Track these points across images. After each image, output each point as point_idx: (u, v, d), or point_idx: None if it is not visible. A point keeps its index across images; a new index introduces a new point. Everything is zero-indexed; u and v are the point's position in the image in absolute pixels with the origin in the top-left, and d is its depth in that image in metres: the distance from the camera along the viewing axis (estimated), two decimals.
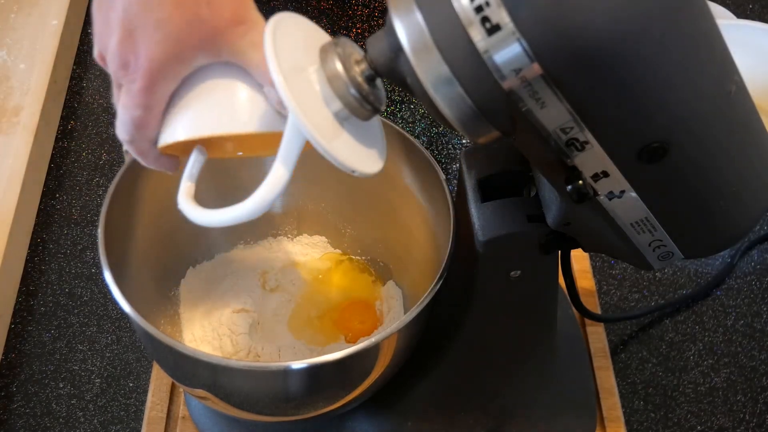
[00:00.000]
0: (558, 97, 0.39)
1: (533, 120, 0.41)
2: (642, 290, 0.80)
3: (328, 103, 0.45)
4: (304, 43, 0.46)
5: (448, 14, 0.39)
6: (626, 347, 0.76)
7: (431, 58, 0.40)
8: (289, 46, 0.44)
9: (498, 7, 0.37)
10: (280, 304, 0.68)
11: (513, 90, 0.39)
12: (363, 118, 0.46)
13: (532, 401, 0.66)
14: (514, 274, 0.53)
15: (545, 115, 0.40)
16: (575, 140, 0.42)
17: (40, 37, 0.93)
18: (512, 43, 0.38)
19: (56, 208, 0.84)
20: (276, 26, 0.44)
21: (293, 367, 0.50)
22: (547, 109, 0.40)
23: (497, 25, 0.38)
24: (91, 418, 0.70)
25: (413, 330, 0.55)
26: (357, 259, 0.72)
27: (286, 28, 0.45)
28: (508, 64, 0.38)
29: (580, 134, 0.41)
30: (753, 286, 0.81)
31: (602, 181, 0.43)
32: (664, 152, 0.41)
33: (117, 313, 0.76)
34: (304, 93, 0.44)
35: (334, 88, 0.44)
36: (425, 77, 0.40)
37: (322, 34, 0.47)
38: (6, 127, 0.84)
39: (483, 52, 0.38)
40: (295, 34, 0.46)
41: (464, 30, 0.38)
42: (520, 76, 0.39)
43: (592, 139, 0.41)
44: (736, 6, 1.05)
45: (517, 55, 0.38)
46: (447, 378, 0.62)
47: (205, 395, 0.56)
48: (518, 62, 0.38)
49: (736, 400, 0.73)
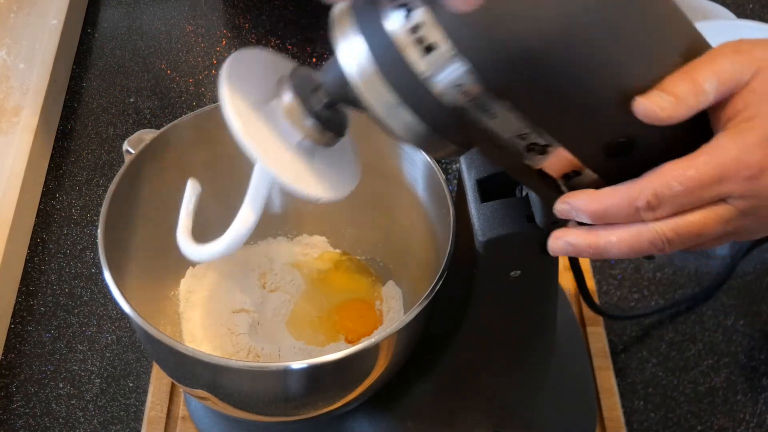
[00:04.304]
0: (506, 107, 0.39)
1: (488, 131, 0.41)
2: (642, 290, 0.80)
3: (288, 138, 0.45)
4: (265, 78, 0.46)
5: (385, 38, 0.38)
6: (626, 347, 0.76)
7: (376, 85, 0.39)
8: (247, 85, 0.44)
9: (432, 27, 0.37)
10: (280, 304, 0.68)
11: (460, 106, 0.39)
12: (328, 144, 0.46)
13: (532, 401, 0.66)
14: (514, 274, 0.53)
15: (498, 125, 0.40)
16: (535, 144, 0.42)
17: (39, 37, 0.93)
18: (450, 60, 0.38)
19: (56, 208, 0.84)
20: (231, 67, 0.44)
21: (293, 367, 0.50)
22: (498, 119, 0.40)
23: (433, 45, 0.38)
24: (91, 418, 0.70)
25: (413, 330, 0.55)
26: (357, 259, 0.72)
27: (244, 66, 0.45)
28: (450, 82, 0.38)
29: (539, 138, 0.41)
30: (753, 286, 0.81)
31: (575, 180, 0.43)
32: (632, 144, 0.41)
33: (117, 313, 0.76)
34: (263, 132, 0.44)
35: (292, 122, 0.44)
36: (373, 104, 0.40)
37: (286, 64, 0.47)
38: (6, 127, 0.84)
39: (423, 72, 0.38)
40: (254, 70, 0.46)
41: (402, 53, 0.38)
42: (464, 92, 0.38)
43: (553, 141, 0.41)
44: (736, 6, 1.05)
45: (457, 72, 0.38)
46: (447, 378, 0.62)
47: (205, 395, 0.56)
48: (459, 79, 0.38)
49: (736, 400, 0.73)
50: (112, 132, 0.91)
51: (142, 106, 0.93)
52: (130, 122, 0.92)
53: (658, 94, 0.39)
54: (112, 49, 0.99)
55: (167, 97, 0.95)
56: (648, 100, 0.39)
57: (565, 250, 0.43)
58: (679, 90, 0.39)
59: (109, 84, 0.96)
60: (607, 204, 0.41)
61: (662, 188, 0.39)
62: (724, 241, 0.43)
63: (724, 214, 0.40)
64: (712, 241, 0.42)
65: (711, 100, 0.40)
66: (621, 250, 0.41)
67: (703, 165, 0.39)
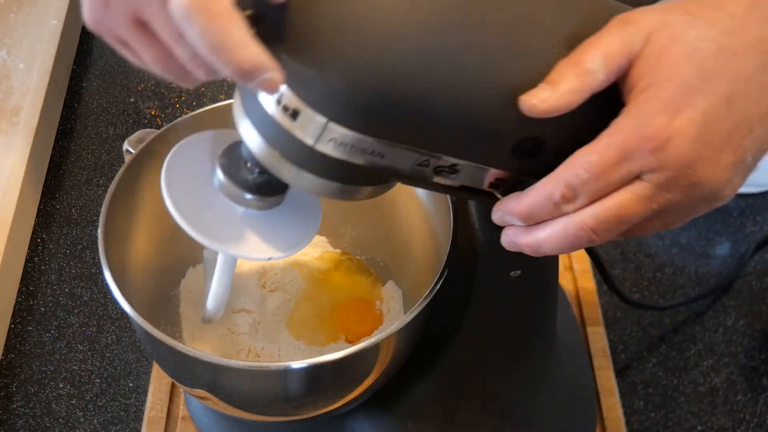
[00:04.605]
0: (387, 144, 0.40)
1: (389, 169, 0.41)
2: (642, 290, 0.80)
3: (234, 212, 0.48)
4: (210, 160, 0.48)
5: (264, 115, 0.40)
6: (626, 347, 0.76)
7: (273, 159, 0.42)
8: (194, 170, 0.48)
9: (290, 95, 0.38)
10: (280, 304, 0.68)
11: (347, 159, 0.40)
12: (275, 204, 0.48)
13: (532, 401, 0.66)
14: (514, 274, 0.53)
15: (394, 161, 0.41)
16: (442, 167, 0.42)
17: (40, 36, 0.93)
18: (314, 120, 0.39)
19: (56, 208, 0.84)
20: (174, 158, 0.48)
21: (293, 367, 0.50)
22: (389, 156, 0.40)
23: (297, 110, 0.39)
24: (91, 418, 0.70)
25: (413, 330, 0.55)
26: (357, 259, 0.72)
27: (190, 152, 0.49)
28: (323, 139, 0.39)
29: (440, 162, 0.41)
30: (753, 286, 0.81)
31: (504, 186, 0.43)
32: (540, 142, 0.41)
33: (117, 313, 0.76)
34: (210, 214, 0.47)
35: (231, 198, 0.47)
36: (281, 176, 0.42)
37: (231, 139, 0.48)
38: (6, 127, 0.84)
39: (301, 137, 0.40)
40: (200, 154, 0.49)
41: (280, 124, 0.40)
42: (340, 144, 0.39)
43: (456, 159, 0.41)
44: None
45: (324, 128, 0.39)
46: (447, 378, 0.62)
47: (205, 395, 0.56)
48: (329, 133, 0.39)
49: (736, 400, 0.73)
50: (112, 132, 0.91)
51: (142, 106, 0.93)
52: (130, 122, 0.92)
53: (540, 87, 0.38)
54: (112, 49, 0.99)
55: (167, 97, 0.95)
56: (529, 96, 0.38)
57: (512, 247, 0.43)
58: (562, 77, 0.38)
59: (109, 84, 0.96)
60: (529, 204, 0.40)
61: (571, 178, 0.38)
62: (659, 224, 0.41)
63: (640, 191, 0.38)
64: (644, 224, 0.40)
65: (602, 79, 0.38)
66: (553, 245, 0.41)
67: (605, 147, 0.38)
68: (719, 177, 0.38)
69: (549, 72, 0.39)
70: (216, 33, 0.34)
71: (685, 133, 0.37)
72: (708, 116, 0.37)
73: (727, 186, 0.39)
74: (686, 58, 0.37)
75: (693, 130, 0.37)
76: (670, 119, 0.37)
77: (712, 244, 0.84)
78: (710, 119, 0.37)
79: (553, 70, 0.38)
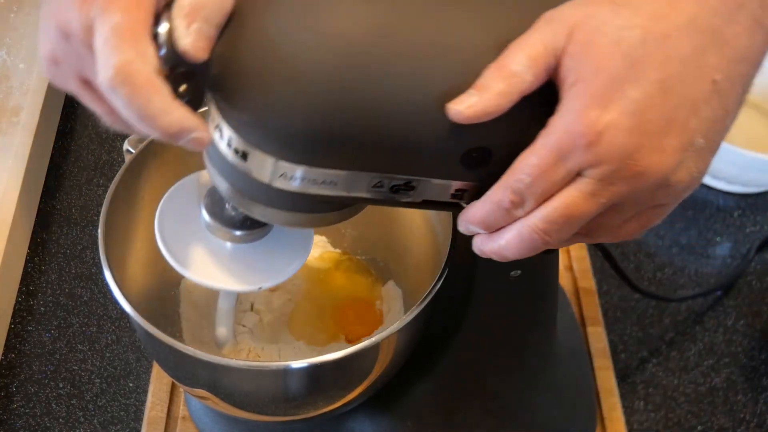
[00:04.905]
0: (337, 173, 0.41)
1: (347, 194, 0.42)
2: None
3: (224, 249, 0.50)
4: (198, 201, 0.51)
5: (222, 160, 0.42)
6: (626, 347, 0.76)
7: (241, 200, 0.44)
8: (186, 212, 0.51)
9: (236, 138, 0.40)
10: (280, 304, 0.68)
11: (304, 191, 0.41)
12: (264, 234, 0.50)
13: (532, 401, 0.66)
14: (514, 274, 0.53)
15: (348, 187, 0.42)
16: (397, 186, 0.42)
17: None
18: (263, 158, 0.40)
19: (56, 208, 0.84)
20: (166, 203, 0.51)
21: (293, 366, 0.50)
22: (342, 183, 0.41)
23: (246, 152, 0.41)
24: (91, 418, 0.70)
25: (413, 330, 0.55)
26: (357, 259, 0.72)
27: (183, 195, 0.52)
28: (275, 174, 0.41)
29: (394, 181, 0.42)
30: (753, 286, 0.81)
31: (467, 195, 0.43)
32: (486, 150, 0.41)
33: (117, 313, 0.76)
34: (201, 254, 0.50)
35: (219, 237, 0.49)
36: (251, 213, 0.45)
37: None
38: (6, 127, 0.84)
39: (256, 177, 0.41)
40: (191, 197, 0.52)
41: (236, 167, 0.42)
42: (291, 178, 0.41)
43: (408, 177, 0.42)
44: None
45: (274, 165, 0.40)
46: (447, 378, 0.62)
47: (205, 395, 0.56)
48: (279, 169, 0.40)
49: (736, 400, 0.73)
50: (112, 132, 0.91)
51: None
52: None
53: (467, 93, 0.38)
54: None
55: None
56: (454, 103, 0.38)
57: (482, 254, 0.43)
58: (488, 81, 0.38)
59: None
60: (483, 213, 0.41)
61: (515, 184, 0.38)
62: (634, 225, 0.40)
63: (583, 188, 0.38)
64: (599, 221, 0.40)
65: (530, 80, 0.38)
66: (513, 250, 0.41)
67: (541, 149, 0.38)
68: (665, 163, 0.37)
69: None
70: (139, 103, 0.36)
71: (618, 125, 0.36)
72: (641, 104, 0.36)
73: (678, 170, 0.38)
74: (611, 49, 0.36)
75: (626, 120, 0.36)
76: (601, 113, 0.36)
77: (712, 244, 0.84)
78: (644, 107, 0.36)
79: (482, 75, 0.38)
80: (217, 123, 0.41)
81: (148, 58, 0.37)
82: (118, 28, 0.36)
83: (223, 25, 0.38)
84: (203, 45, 0.37)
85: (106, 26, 0.37)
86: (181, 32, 0.37)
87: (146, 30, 0.37)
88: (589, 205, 0.38)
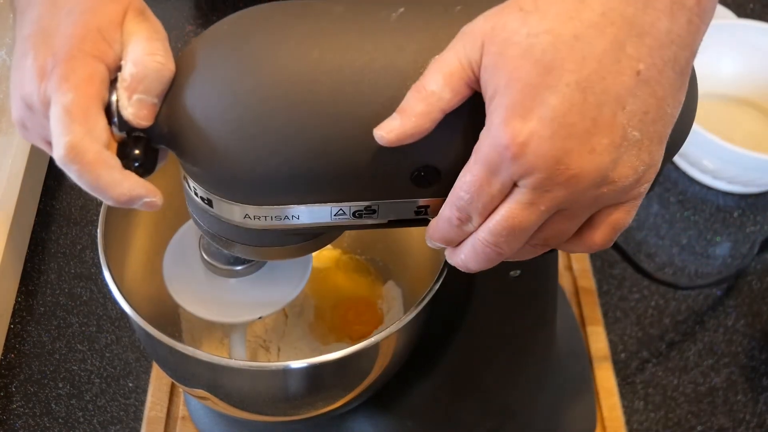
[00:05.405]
0: (296, 208, 0.42)
1: (314, 225, 0.44)
2: (642, 290, 0.80)
3: (227, 285, 0.54)
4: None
5: (197, 205, 0.45)
6: (626, 347, 0.76)
7: (221, 240, 0.47)
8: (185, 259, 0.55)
9: (199, 187, 0.43)
10: None
11: (271, 227, 0.43)
12: (260, 267, 0.53)
13: (532, 401, 0.66)
14: (513, 274, 0.53)
15: (312, 218, 0.43)
16: (360, 211, 0.43)
17: None
18: (225, 203, 0.43)
19: (56, 208, 0.84)
20: (171, 250, 0.56)
21: (293, 366, 0.50)
22: (305, 216, 0.43)
23: (209, 199, 0.43)
24: (90, 418, 0.70)
25: (413, 330, 0.55)
26: (357, 258, 0.72)
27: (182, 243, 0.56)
28: (240, 216, 0.43)
29: (354, 206, 0.43)
30: (753, 286, 0.81)
31: (431, 211, 0.44)
32: (432, 169, 0.41)
33: (117, 313, 0.76)
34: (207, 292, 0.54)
35: (219, 274, 0.53)
36: (233, 252, 0.48)
37: None
38: (6, 127, 0.84)
39: (226, 218, 0.44)
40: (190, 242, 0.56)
41: (205, 209, 0.44)
42: (257, 217, 0.43)
43: (366, 202, 0.43)
44: (736, 6, 1.05)
45: (238, 207, 0.43)
46: (447, 378, 0.62)
47: (204, 395, 0.56)
48: (243, 211, 0.43)
49: (736, 400, 0.73)
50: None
51: None
52: None
53: (390, 117, 0.39)
54: None
55: None
56: (378, 128, 0.39)
57: (456, 266, 0.44)
58: (408, 104, 0.38)
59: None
60: (439, 230, 0.42)
61: (458, 201, 0.39)
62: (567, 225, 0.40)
63: (520, 198, 0.38)
64: (551, 229, 0.40)
65: (449, 98, 0.38)
66: (472, 263, 0.42)
67: (474, 165, 0.38)
68: (599, 161, 0.37)
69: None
70: (89, 179, 0.40)
71: (540, 133, 0.36)
72: (561, 109, 0.36)
73: (617, 166, 0.37)
74: (522, 58, 0.36)
75: (547, 127, 0.36)
76: (522, 123, 0.36)
77: (712, 244, 0.84)
78: (565, 111, 0.36)
79: (405, 98, 0.39)
80: (183, 174, 0.44)
81: (97, 134, 0.40)
82: (69, 107, 0.39)
83: (165, 92, 0.41)
84: (144, 114, 0.41)
85: (59, 105, 0.40)
86: (123, 103, 0.40)
87: (98, 104, 0.40)
88: (529, 214, 0.39)
